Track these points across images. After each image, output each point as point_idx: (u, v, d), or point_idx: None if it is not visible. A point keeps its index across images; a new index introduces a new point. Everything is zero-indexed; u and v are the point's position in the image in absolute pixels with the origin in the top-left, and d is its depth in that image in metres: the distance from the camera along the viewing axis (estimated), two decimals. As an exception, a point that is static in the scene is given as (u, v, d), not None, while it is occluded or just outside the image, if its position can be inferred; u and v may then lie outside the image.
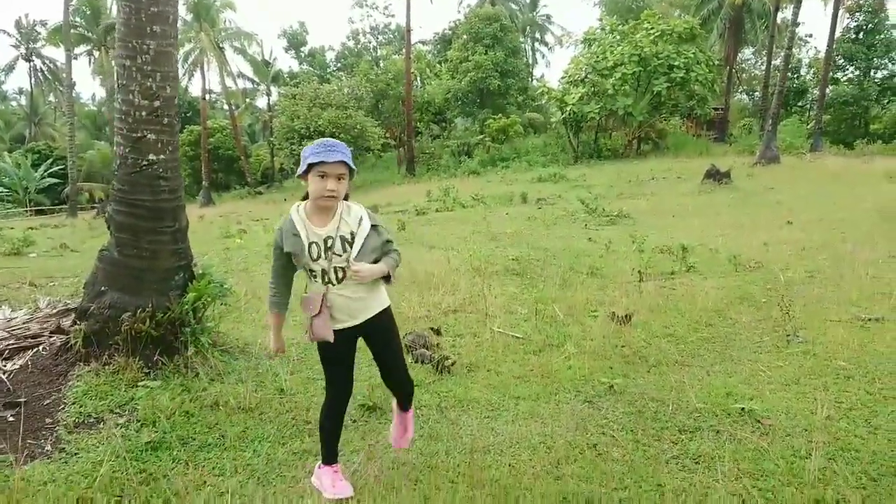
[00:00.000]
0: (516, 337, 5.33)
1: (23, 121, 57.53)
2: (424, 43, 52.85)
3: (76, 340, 4.22)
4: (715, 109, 33.55)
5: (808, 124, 35.28)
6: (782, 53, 25.95)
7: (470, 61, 37.20)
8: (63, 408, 3.77)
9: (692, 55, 28.04)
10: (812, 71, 42.85)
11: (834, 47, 30.40)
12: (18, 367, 4.24)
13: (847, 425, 3.49)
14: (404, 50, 35.91)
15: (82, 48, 41.08)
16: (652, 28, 28.52)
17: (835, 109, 36.37)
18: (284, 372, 4.42)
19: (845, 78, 38.41)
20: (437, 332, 5.43)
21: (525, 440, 3.47)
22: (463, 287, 6.85)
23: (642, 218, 13.17)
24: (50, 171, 44.51)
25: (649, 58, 27.85)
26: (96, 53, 41.05)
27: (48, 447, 3.37)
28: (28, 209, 40.48)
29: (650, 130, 31.25)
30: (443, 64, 42.82)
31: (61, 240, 14.48)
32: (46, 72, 56.50)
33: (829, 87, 33.36)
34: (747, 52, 45.42)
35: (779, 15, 31.96)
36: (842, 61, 37.45)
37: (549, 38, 60.10)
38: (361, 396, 3.95)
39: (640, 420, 3.69)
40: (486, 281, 7.02)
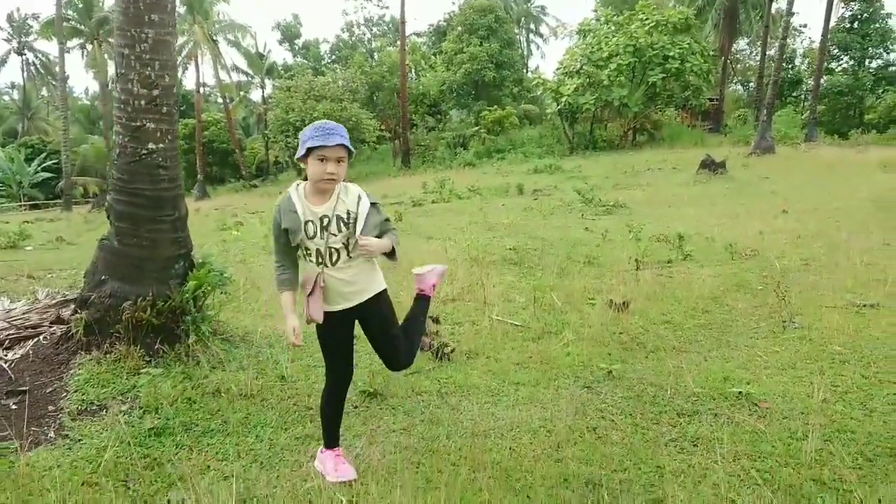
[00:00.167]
0: (515, 324, 5.37)
1: (15, 115, 56.98)
2: (419, 35, 52.67)
3: (77, 329, 4.23)
4: (710, 100, 33.52)
5: (803, 114, 35.27)
6: (777, 44, 26.03)
7: (465, 53, 37.14)
8: (65, 396, 3.79)
9: (687, 46, 27.99)
10: (807, 61, 43.00)
11: (829, 37, 30.47)
12: (20, 357, 4.25)
13: (843, 408, 3.54)
14: (399, 42, 35.67)
15: (75, 41, 40.66)
16: (647, 19, 28.45)
17: (829, 99, 36.41)
18: (285, 359, 4.44)
19: (840, 68, 38.53)
20: (436, 321, 5.46)
21: (525, 424, 3.51)
22: (461, 276, 6.86)
23: (638, 208, 13.20)
24: (44, 166, 44.16)
25: (644, 48, 27.79)
26: (89, 47, 40.67)
27: (52, 434, 3.40)
28: (22, 203, 40.22)
29: (645, 121, 31.24)
30: (438, 56, 42.65)
31: (57, 233, 14.40)
32: (39, 66, 56.00)
33: (824, 77, 33.40)
34: (742, 43, 45.45)
35: (773, 5, 31.88)
36: (836, 51, 37.54)
37: (544, 30, 60.20)
38: (362, 383, 3.99)
39: (639, 404, 3.73)
40: (484, 270, 7.05)
